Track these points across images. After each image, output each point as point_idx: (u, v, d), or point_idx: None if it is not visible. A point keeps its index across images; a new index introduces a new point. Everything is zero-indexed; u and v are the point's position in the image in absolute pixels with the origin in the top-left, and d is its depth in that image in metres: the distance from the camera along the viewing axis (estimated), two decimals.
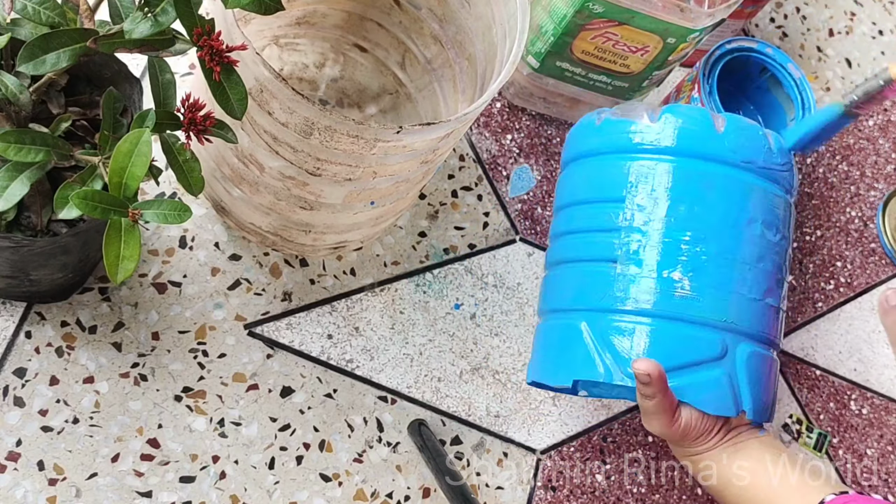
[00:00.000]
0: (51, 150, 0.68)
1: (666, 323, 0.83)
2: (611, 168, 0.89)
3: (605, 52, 1.01)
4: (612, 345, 0.84)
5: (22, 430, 0.85)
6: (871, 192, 1.25)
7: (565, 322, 0.88)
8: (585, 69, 1.04)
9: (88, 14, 0.68)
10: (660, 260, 0.84)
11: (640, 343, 0.83)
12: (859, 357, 1.15)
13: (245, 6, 0.64)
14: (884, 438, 1.12)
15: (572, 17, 0.97)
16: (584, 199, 0.91)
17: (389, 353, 0.98)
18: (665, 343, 0.83)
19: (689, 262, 0.84)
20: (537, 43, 1.02)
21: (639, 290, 0.84)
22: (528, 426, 0.99)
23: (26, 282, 0.83)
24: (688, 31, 0.97)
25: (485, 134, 1.10)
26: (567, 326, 0.87)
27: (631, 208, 0.86)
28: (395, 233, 1.03)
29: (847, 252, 1.20)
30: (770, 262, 0.86)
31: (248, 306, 0.95)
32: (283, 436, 0.92)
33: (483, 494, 0.96)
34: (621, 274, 0.85)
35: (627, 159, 0.88)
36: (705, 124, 0.87)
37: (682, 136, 0.87)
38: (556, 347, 0.89)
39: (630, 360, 0.82)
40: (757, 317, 0.85)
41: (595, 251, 0.87)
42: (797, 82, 1.10)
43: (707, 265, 0.84)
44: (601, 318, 0.85)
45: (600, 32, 0.98)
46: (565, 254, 0.91)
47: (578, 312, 0.87)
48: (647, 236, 0.85)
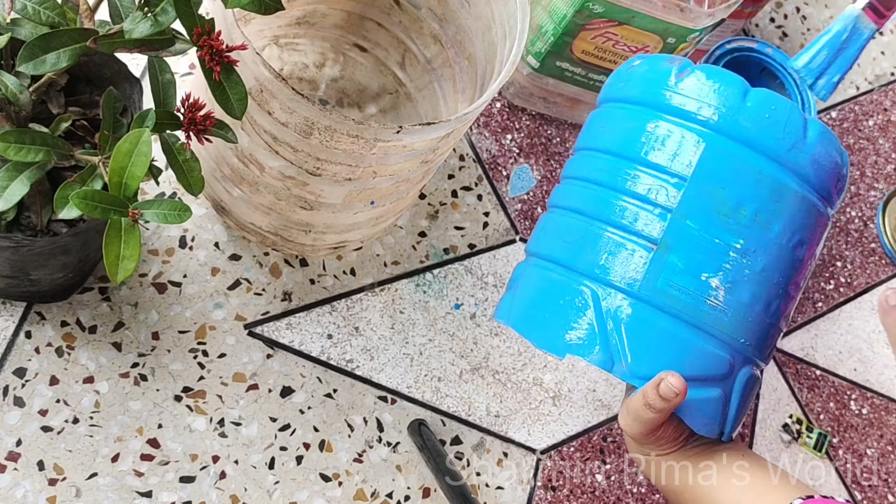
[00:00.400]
0: (51, 149, 0.68)
1: (687, 330, 0.75)
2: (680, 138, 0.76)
3: (606, 52, 1.01)
4: (622, 333, 0.74)
5: (22, 429, 0.85)
6: (871, 192, 1.25)
7: (566, 281, 0.76)
8: (585, 69, 1.04)
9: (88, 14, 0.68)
10: (702, 260, 0.75)
11: (652, 341, 0.74)
12: (859, 357, 1.15)
13: (245, 6, 0.64)
14: (884, 438, 1.12)
15: (572, 17, 0.97)
16: (620, 153, 0.78)
17: (389, 353, 0.98)
18: (679, 350, 0.75)
19: (731, 273, 0.75)
20: (537, 43, 1.02)
21: (670, 283, 0.74)
22: (528, 426, 1.00)
23: (26, 282, 0.83)
24: (688, 31, 0.97)
25: (485, 134, 1.10)
26: (567, 287, 0.76)
27: (677, 187, 0.75)
28: (396, 233, 1.03)
29: (847, 252, 1.20)
30: (799, 286, 0.79)
31: (248, 306, 0.95)
32: (283, 436, 0.92)
33: (483, 494, 0.96)
34: (655, 258, 0.74)
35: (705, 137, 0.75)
36: (793, 121, 0.75)
37: (762, 129, 0.75)
38: (551, 308, 0.77)
39: (639, 358, 0.73)
40: (766, 339, 0.78)
41: (623, 218, 0.76)
42: (797, 82, 1.10)
43: (748, 282, 0.75)
44: (613, 296, 0.75)
45: (600, 32, 0.98)
46: (582, 203, 0.78)
47: (585, 277, 0.76)
48: (694, 230, 0.75)
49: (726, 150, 0.74)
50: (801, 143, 0.76)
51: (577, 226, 0.78)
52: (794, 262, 0.77)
